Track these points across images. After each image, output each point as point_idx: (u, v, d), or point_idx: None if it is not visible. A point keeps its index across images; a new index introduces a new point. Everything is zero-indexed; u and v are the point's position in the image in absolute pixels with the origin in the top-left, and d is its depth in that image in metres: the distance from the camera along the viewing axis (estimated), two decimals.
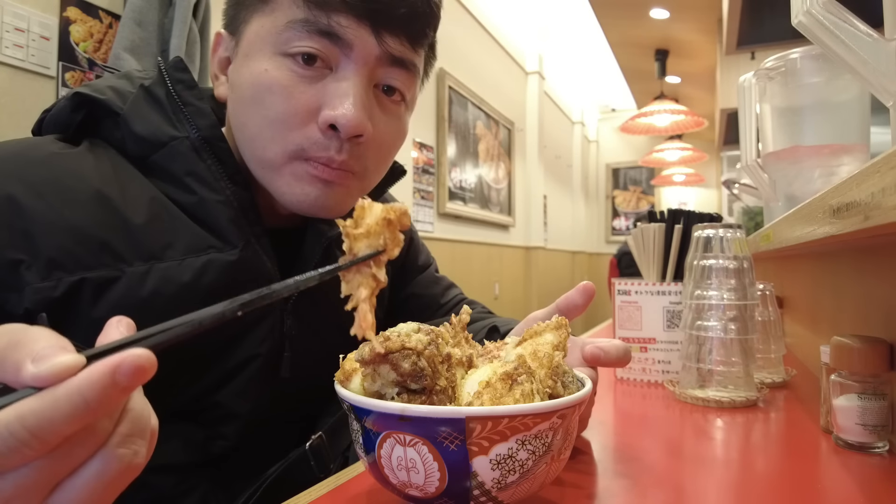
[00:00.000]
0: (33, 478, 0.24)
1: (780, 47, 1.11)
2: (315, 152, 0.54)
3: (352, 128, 0.53)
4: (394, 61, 0.56)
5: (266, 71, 0.53)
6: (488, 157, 4.59)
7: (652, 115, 4.54)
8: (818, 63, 0.94)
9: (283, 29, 0.53)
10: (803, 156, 0.97)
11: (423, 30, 0.58)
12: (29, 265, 0.47)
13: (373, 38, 0.54)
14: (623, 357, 0.50)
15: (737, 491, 0.47)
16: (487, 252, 4.49)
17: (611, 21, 3.90)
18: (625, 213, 7.48)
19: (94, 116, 0.57)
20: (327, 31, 0.52)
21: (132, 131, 0.55)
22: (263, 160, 0.56)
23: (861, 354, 0.54)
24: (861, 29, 0.57)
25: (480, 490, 0.34)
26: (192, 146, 0.56)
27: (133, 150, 0.56)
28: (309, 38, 0.52)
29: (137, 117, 0.56)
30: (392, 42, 0.55)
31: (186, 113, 0.57)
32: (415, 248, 0.87)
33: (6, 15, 1.48)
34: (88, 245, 0.49)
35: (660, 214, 0.94)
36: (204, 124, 0.57)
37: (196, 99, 0.58)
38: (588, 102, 7.40)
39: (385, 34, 0.54)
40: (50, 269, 0.47)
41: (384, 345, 0.35)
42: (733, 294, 0.73)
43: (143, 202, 0.53)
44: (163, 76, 0.58)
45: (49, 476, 0.24)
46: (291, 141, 0.54)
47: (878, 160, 0.39)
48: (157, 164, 0.56)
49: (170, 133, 0.56)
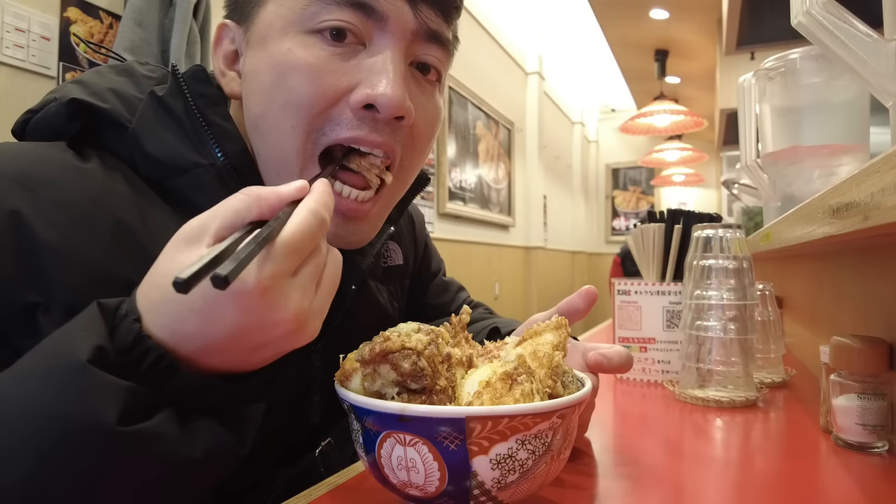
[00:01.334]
0: (312, 272, 0.35)
1: (779, 47, 1.11)
2: (339, 133, 0.47)
3: (393, 107, 0.46)
4: (430, 36, 0.50)
5: (289, 50, 0.47)
6: (488, 157, 4.59)
7: (652, 116, 4.54)
8: (818, 63, 0.94)
9: (308, 3, 0.47)
10: (803, 156, 0.97)
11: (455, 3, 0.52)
12: (45, 309, 0.41)
13: (409, 9, 0.48)
14: (625, 363, 0.50)
15: (736, 491, 0.47)
16: (487, 252, 4.49)
17: (610, 21, 3.90)
18: (624, 213, 7.48)
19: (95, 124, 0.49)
20: (359, 2, 0.46)
21: (145, 151, 0.49)
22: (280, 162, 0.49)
23: (861, 354, 0.54)
24: (861, 29, 0.57)
25: (480, 490, 0.34)
26: (217, 175, 0.49)
27: (146, 171, 0.49)
28: (339, 10, 0.46)
29: (150, 135, 0.49)
30: (429, 13, 0.49)
31: (212, 133, 0.50)
32: (428, 256, 0.84)
33: (6, 15, 1.48)
34: (111, 286, 0.41)
35: (659, 214, 0.94)
36: (231, 149, 0.50)
37: (221, 118, 0.51)
38: (588, 102, 7.40)
39: (421, 4, 0.48)
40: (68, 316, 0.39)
41: (384, 345, 0.35)
42: (733, 294, 0.73)
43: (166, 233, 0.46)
44: (180, 87, 0.51)
45: (318, 270, 0.36)
46: (314, 128, 0.47)
47: (877, 160, 0.39)
48: (177, 191, 0.49)
49: (191, 159, 0.49)
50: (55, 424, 0.30)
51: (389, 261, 0.71)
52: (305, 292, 0.35)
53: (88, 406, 0.30)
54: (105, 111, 0.48)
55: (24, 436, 0.31)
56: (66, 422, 0.30)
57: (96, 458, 0.31)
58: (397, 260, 0.72)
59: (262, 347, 0.35)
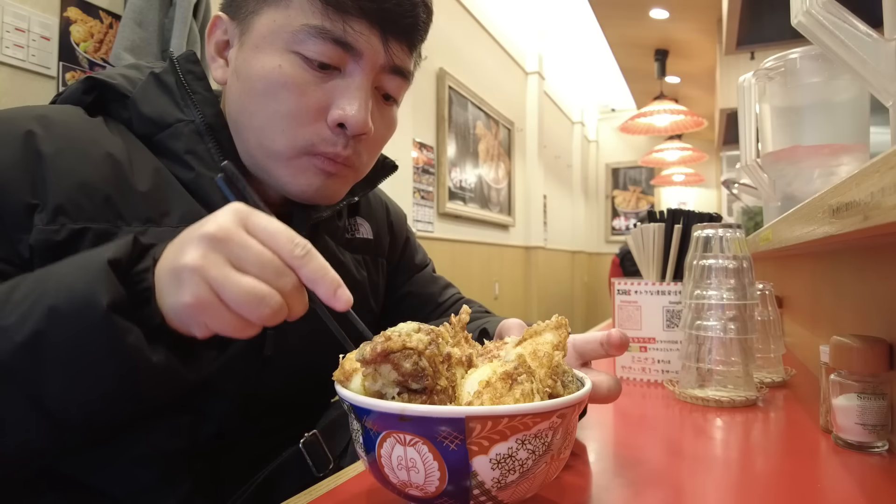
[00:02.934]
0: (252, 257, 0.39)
1: (779, 47, 1.11)
2: (324, 148, 0.58)
3: (359, 128, 0.58)
4: (394, 70, 0.60)
5: (279, 67, 0.56)
6: (488, 157, 4.59)
7: (651, 115, 4.53)
8: (818, 63, 0.94)
9: (298, 30, 0.56)
10: (803, 156, 0.97)
11: (421, 38, 0.63)
12: (41, 209, 0.51)
13: (381, 47, 0.58)
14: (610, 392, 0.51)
15: (736, 490, 0.47)
16: (487, 252, 4.49)
17: (610, 21, 3.90)
18: (624, 213, 7.48)
19: (104, 99, 0.61)
20: (341, 41, 0.56)
21: (140, 112, 0.60)
22: (271, 151, 0.59)
23: (861, 354, 0.54)
24: (861, 29, 0.57)
25: (480, 489, 0.34)
26: (195, 129, 0.60)
27: (140, 128, 0.60)
28: (324, 45, 0.56)
29: (146, 100, 0.60)
30: (396, 50, 0.59)
31: (194, 100, 0.61)
32: (411, 248, 0.88)
33: (6, 15, 1.48)
34: (94, 199, 0.53)
35: (659, 214, 0.94)
36: (209, 112, 0.61)
37: (204, 89, 0.63)
38: (588, 102, 7.40)
39: (392, 42, 0.59)
40: (56, 215, 0.51)
41: (385, 345, 0.35)
42: (733, 294, 0.73)
43: (147, 172, 0.58)
44: (174, 65, 0.63)
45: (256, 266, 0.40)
46: (302, 136, 0.58)
47: (877, 160, 0.39)
48: (162, 143, 0.60)
49: (176, 116, 0.60)
50: (63, 293, 0.40)
51: (357, 233, 0.77)
52: (216, 257, 0.39)
53: (94, 286, 0.39)
54: (113, 85, 0.60)
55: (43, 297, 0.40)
56: (75, 294, 0.39)
57: (85, 328, 0.39)
58: (365, 234, 0.79)
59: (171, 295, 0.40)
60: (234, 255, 0.38)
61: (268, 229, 0.40)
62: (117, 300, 0.39)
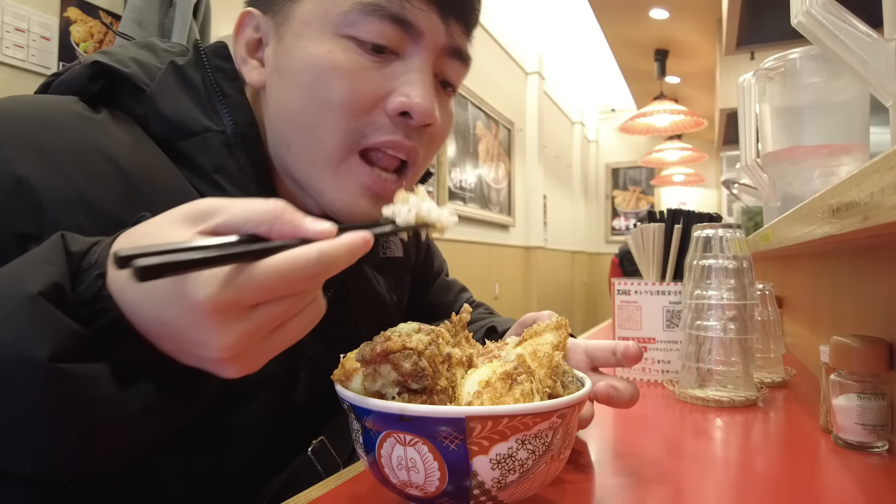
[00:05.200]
0: (275, 313, 0.32)
1: (779, 47, 1.11)
2: (379, 137, 0.51)
3: (425, 115, 0.51)
4: (454, 53, 0.54)
5: (329, 52, 0.50)
6: (488, 157, 4.58)
7: (651, 116, 4.53)
8: (818, 63, 0.94)
9: (350, 10, 0.49)
10: (803, 156, 0.97)
11: (476, 19, 0.57)
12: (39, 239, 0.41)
13: (442, 26, 0.52)
14: (633, 398, 0.50)
15: (736, 490, 0.47)
16: (487, 252, 4.49)
17: (610, 21, 3.90)
18: (624, 213, 7.48)
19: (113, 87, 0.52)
20: (400, 18, 0.49)
21: (159, 111, 0.52)
22: (317, 152, 0.52)
23: (860, 354, 0.54)
24: (861, 29, 0.57)
25: (480, 489, 0.34)
26: (225, 141, 0.53)
27: (157, 130, 0.52)
28: (380, 24, 0.49)
29: (166, 98, 0.52)
30: (456, 31, 0.54)
31: (225, 104, 0.53)
32: (431, 255, 0.85)
33: (6, 15, 1.48)
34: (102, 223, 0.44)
35: (659, 214, 0.94)
36: (242, 120, 0.53)
37: (236, 92, 0.54)
38: (588, 102, 7.39)
39: (451, 21, 0.53)
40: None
41: (385, 345, 0.36)
42: (733, 294, 0.73)
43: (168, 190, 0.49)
44: (201, 59, 0.54)
45: (285, 315, 0.33)
46: (353, 129, 0.51)
47: (877, 160, 0.39)
48: (185, 153, 0.52)
49: (203, 123, 0.52)
50: None
51: (389, 251, 0.72)
52: (253, 330, 0.32)
53: (24, 338, 0.30)
54: (125, 74, 0.51)
55: None
56: (1, 352, 0.30)
57: (25, 393, 0.30)
58: (397, 252, 0.73)
59: (189, 356, 0.33)
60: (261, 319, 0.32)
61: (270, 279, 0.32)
62: (68, 348, 0.31)
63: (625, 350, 0.52)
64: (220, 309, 0.30)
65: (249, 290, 0.30)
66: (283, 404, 0.56)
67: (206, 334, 0.31)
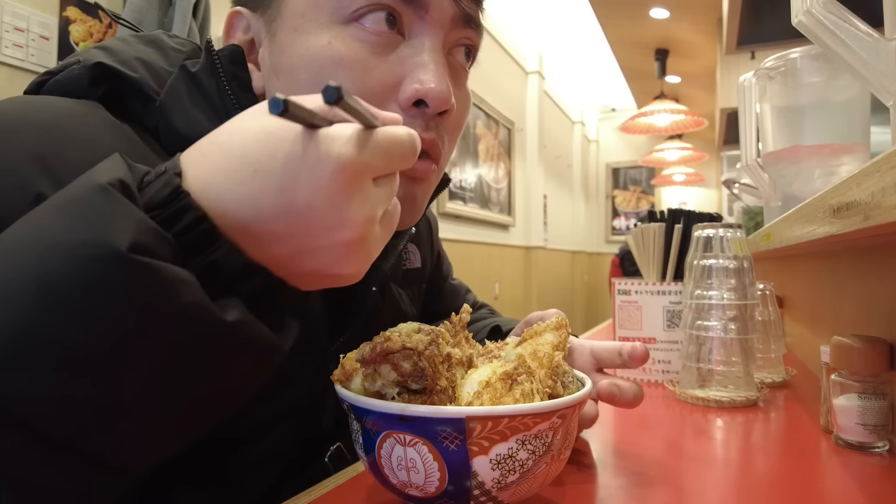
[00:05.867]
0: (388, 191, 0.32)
1: (780, 47, 1.11)
2: None
3: (442, 101, 0.46)
4: (467, 21, 0.49)
5: (329, 44, 0.45)
6: (488, 156, 4.58)
7: (652, 115, 4.54)
8: (818, 63, 0.94)
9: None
10: (803, 155, 0.97)
11: None
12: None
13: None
14: (636, 398, 0.50)
15: (737, 491, 0.47)
16: (487, 252, 4.49)
17: (611, 21, 3.90)
18: (625, 213, 7.48)
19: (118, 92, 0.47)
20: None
21: (171, 126, 0.47)
22: None
23: (861, 354, 0.54)
24: (861, 29, 0.57)
25: (480, 490, 0.34)
26: None
27: (169, 143, 0.47)
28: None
29: (178, 109, 0.47)
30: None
31: None
32: (440, 260, 0.84)
33: (6, 15, 1.48)
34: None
35: (660, 214, 0.94)
36: None
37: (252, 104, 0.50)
38: (588, 102, 7.39)
39: None
40: None
41: (384, 345, 0.35)
42: (733, 294, 0.73)
43: None
44: (214, 65, 0.49)
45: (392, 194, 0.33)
46: None
47: (878, 160, 0.39)
48: None
49: None
50: (57, 251, 0.25)
51: (409, 263, 0.69)
52: (380, 204, 0.31)
53: (98, 230, 0.25)
54: (133, 80, 0.46)
55: (23, 267, 0.25)
56: (70, 249, 0.25)
57: (101, 293, 0.24)
58: (416, 263, 0.71)
59: (313, 252, 0.30)
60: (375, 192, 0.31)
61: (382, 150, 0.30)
62: (147, 241, 0.26)
63: (631, 351, 0.52)
64: (360, 173, 0.29)
65: (379, 154, 0.29)
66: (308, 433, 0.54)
67: (348, 205, 0.29)
